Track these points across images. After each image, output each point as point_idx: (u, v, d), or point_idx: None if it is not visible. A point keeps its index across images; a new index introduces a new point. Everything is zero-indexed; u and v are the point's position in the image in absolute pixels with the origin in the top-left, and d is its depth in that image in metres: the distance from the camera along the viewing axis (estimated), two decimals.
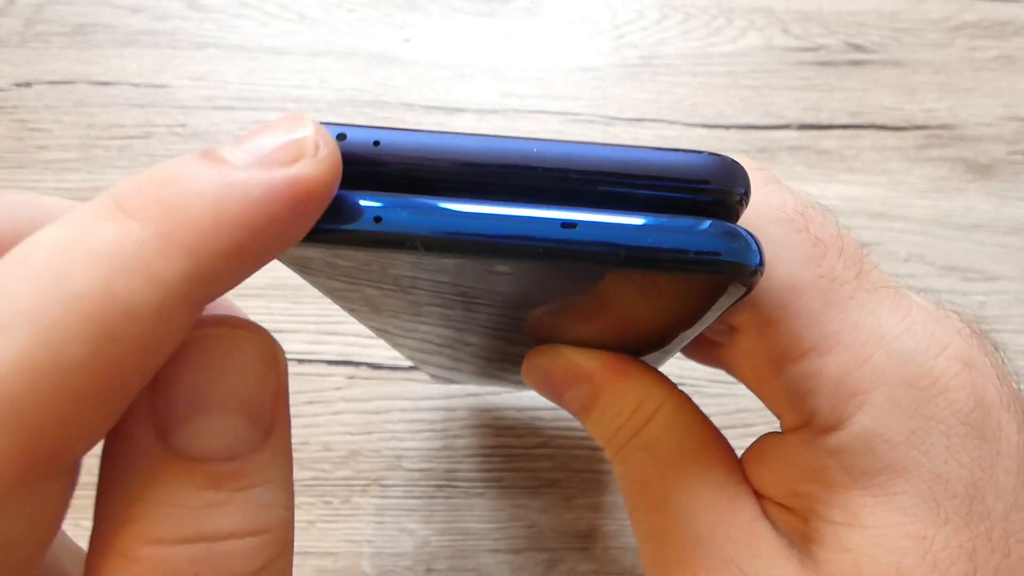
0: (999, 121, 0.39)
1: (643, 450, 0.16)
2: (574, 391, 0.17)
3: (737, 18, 0.42)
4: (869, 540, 0.13)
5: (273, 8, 0.42)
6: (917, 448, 0.13)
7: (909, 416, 0.13)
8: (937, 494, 0.13)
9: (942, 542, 0.13)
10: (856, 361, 0.14)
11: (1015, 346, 0.35)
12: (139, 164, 0.38)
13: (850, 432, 0.13)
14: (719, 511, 0.15)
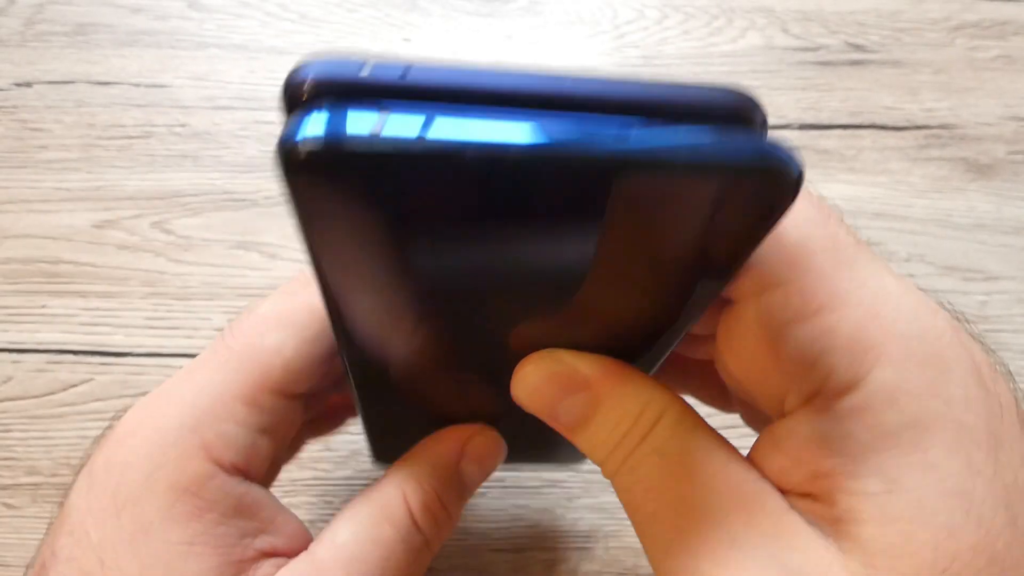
0: (999, 121, 0.39)
1: (654, 454, 0.15)
2: (570, 401, 0.16)
3: (737, 18, 0.42)
4: (913, 504, 0.12)
5: (273, 8, 0.42)
6: (939, 397, 0.13)
7: (925, 367, 0.13)
8: (965, 445, 0.13)
9: (981, 495, 0.12)
10: (869, 315, 0.13)
11: (1015, 346, 0.35)
12: (139, 164, 0.38)
13: (870, 388, 0.13)
14: (747, 509, 0.14)
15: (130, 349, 0.34)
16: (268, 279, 0.36)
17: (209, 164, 0.38)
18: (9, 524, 0.32)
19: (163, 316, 0.35)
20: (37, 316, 0.35)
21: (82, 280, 0.36)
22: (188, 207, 0.37)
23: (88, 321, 0.35)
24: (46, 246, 0.36)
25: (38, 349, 0.34)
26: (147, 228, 0.37)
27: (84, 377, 0.34)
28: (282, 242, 0.37)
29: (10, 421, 0.33)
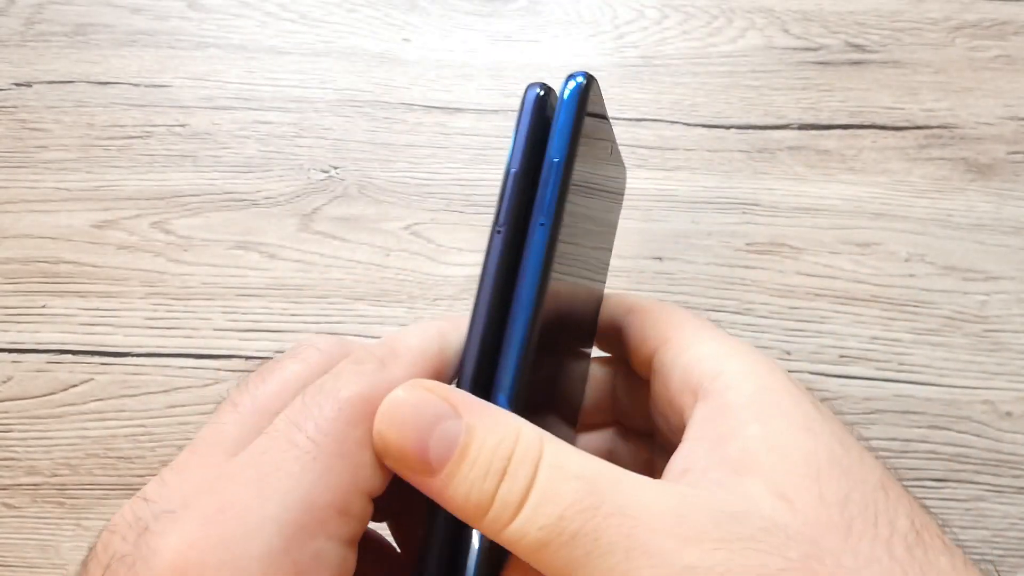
0: (999, 121, 0.39)
1: (573, 479, 0.15)
2: (444, 428, 0.15)
3: (737, 18, 0.42)
4: (782, 435, 0.17)
5: (273, 8, 0.42)
6: (775, 374, 0.19)
7: (762, 363, 0.19)
8: (802, 402, 0.18)
9: (819, 429, 0.17)
10: (720, 341, 0.20)
11: (1015, 346, 0.35)
12: (139, 164, 0.38)
13: (730, 372, 0.18)
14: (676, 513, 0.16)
15: (130, 349, 0.34)
16: (268, 279, 0.36)
17: (209, 164, 0.38)
18: (9, 524, 0.32)
19: (163, 316, 0.35)
20: (37, 316, 0.35)
21: (82, 280, 0.36)
22: (188, 207, 0.37)
23: (88, 321, 0.35)
24: (46, 246, 0.36)
25: (38, 349, 0.34)
26: (147, 228, 0.37)
27: (84, 377, 0.34)
28: (282, 242, 0.37)
29: (10, 421, 0.33)
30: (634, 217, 0.37)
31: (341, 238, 0.37)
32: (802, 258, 0.37)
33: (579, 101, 0.17)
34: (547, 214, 0.16)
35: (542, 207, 0.16)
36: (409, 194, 0.38)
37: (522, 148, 0.17)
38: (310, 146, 0.39)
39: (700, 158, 0.39)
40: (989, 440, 0.33)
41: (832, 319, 0.35)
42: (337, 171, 0.38)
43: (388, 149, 0.39)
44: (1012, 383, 0.34)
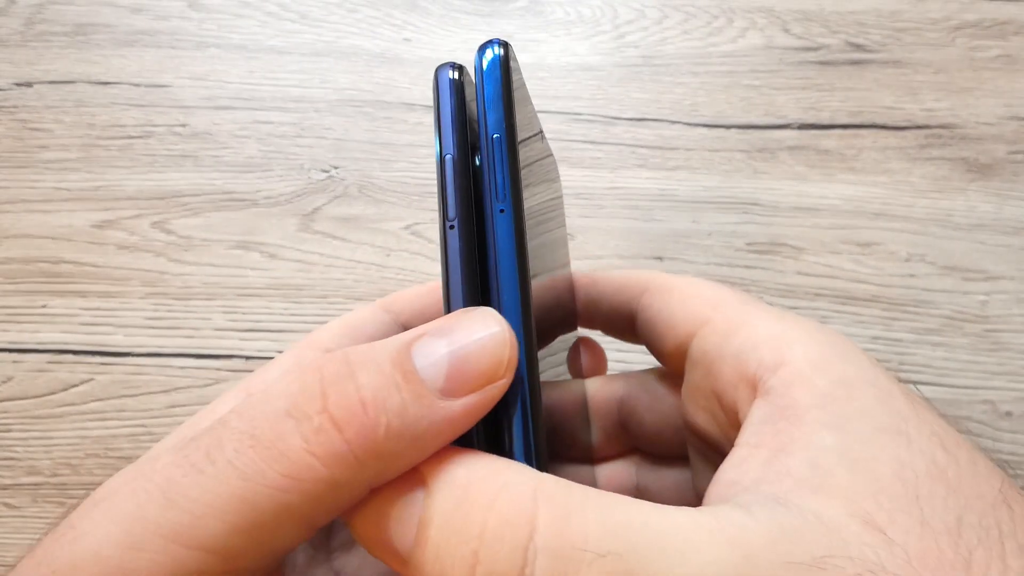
0: (1000, 121, 0.39)
1: (599, 559, 0.11)
2: (401, 509, 0.12)
3: (738, 18, 0.42)
4: (863, 443, 0.14)
5: (273, 8, 0.42)
6: (851, 364, 0.15)
7: (832, 346, 0.15)
8: (887, 397, 0.15)
9: (915, 433, 0.14)
10: (777, 320, 0.16)
11: (1015, 346, 0.35)
12: (139, 164, 0.38)
13: (795, 362, 0.15)
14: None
15: (130, 349, 0.34)
16: (268, 279, 0.36)
17: (209, 164, 0.38)
18: (9, 524, 0.32)
19: (163, 316, 0.35)
20: (37, 316, 0.35)
21: (82, 280, 0.36)
22: (188, 207, 0.37)
23: (88, 321, 0.35)
24: (46, 246, 0.36)
25: (38, 349, 0.34)
26: (147, 228, 0.37)
27: (84, 377, 0.34)
28: (282, 242, 0.37)
29: (10, 421, 0.33)
30: (634, 217, 0.37)
31: (341, 238, 0.37)
32: (802, 258, 0.37)
33: (503, 69, 0.15)
34: (504, 198, 0.14)
35: (495, 191, 0.14)
36: (409, 194, 0.38)
37: (453, 129, 0.15)
38: (310, 146, 0.39)
39: (700, 158, 0.39)
40: (989, 440, 0.33)
41: (832, 319, 0.35)
42: (337, 171, 0.38)
43: (388, 149, 0.39)
44: (1012, 383, 0.34)
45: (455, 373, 0.13)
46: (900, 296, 0.36)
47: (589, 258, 0.37)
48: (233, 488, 0.12)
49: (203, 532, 0.12)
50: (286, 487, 0.12)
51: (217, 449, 0.12)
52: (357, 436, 0.12)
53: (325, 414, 0.12)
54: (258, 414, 0.12)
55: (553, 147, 0.39)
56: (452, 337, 0.13)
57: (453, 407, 0.12)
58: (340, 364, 0.13)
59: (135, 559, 0.12)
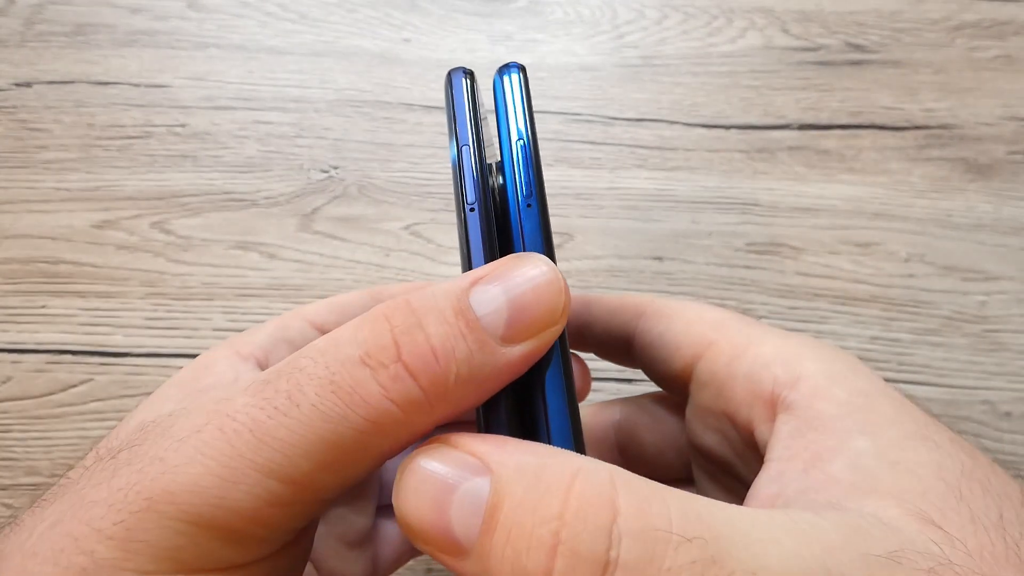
0: (999, 121, 0.39)
1: (687, 542, 0.11)
2: (464, 496, 0.12)
3: (737, 18, 0.42)
4: (897, 448, 0.14)
5: (273, 8, 0.42)
6: (865, 376, 0.16)
7: (842, 361, 0.16)
8: (905, 406, 0.15)
9: (939, 438, 0.14)
10: (783, 339, 0.17)
11: (1015, 346, 0.35)
12: (139, 164, 0.38)
13: (811, 376, 0.16)
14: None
15: (130, 349, 0.34)
16: (268, 279, 0.36)
17: (208, 164, 0.38)
18: None
19: (163, 316, 0.35)
20: (37, 316, 0.35)
21: (82, 280, 0.36)
22: (188, 207, 0.37)
23: (88, 321, 0.35)
24: (46, 246, 0.36)
25: (38, 349, 0.34)
26: (147, 228, 0.37)
27: (84, 377, 0.34)
28: (281, 242, 0.37)
29: (10, 421, 0.33)
30: (634, 217, 0.37)
31: (341, 238, 0.37)
32: (802, 258, 0.37)
33: (525, 85, 0.17)
34: (531, 195, 0.16)
35: (522, 189, 0.16)
36: (409, 194, 0.38)
37: (469, 124, 0.16)
38: (310, 146, 0.39)
39: (700, 158, 0.39)
40: (989, 440, 0.33)
41: (832, 319, 0.35)
42: (337, 171, 0.38)
43: (388, 149, 0.39)
44: (1012, 383, 0.34)
45: (514, 321, 0.13)
46: (899, 296, 0.36)
47: (588, 258, 0.37)
48: (319, 430, 0.13)
49: (294, 469, 0.13)
50: (367, 429, 0.13)
51: (299, 394, 0.13)
52: (431, 384, 0.13)
53: (400, 363, 0.13)
54: (332, 360, 0.13)
55: (552, 147, 0.39)
56: (508, 284, 0.13)
57: (513, 353, 0.13)
58: (406, 313, 0.13)
59: (233, 490, 0.13)
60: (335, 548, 0.20)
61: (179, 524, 0.12)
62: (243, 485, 0.13)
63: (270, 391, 0.13)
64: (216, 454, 0.13)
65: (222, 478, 0.13)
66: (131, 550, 0.12)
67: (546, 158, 0.39)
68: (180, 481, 0.13)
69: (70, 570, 0.12)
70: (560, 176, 0.38)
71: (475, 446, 0.13)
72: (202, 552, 0.13)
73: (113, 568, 0.12)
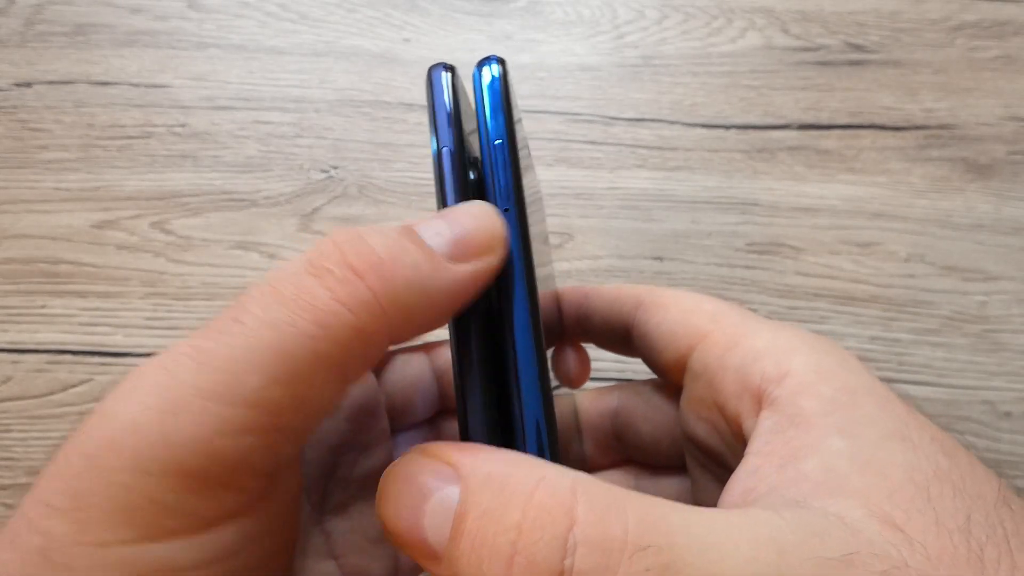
0: (999, 121, 0.39)
1: (643, 551, 0.11)
2: (436, 504, 0.12)
3: (737, 18, 0.42)
4: (873, 447, 0.14)
5: (273, 8, 0.42)
6: (852, 372, 0.16)
7: (830, 355, 0.16)
8: (889, 403, 0.15)
9: (917, 438, 0.14)
10: (776, 332, 0.17)
11: (1015, 346, 0.35)
12: (139, 164, 0.38)
13: (798, 372, 0.16)
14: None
15: (130, 349, 0.34)
16: None
17: (208, 164, 0.38)
18: None
19: (163, 316, 0.35)
20: (37, 316, 0.35)
21: (82, 280, 0.36)
22: (188, 207, 0.37)
23: (88, 321, 0.35)
24: (46, 246, 0.36)
25: (38, 349, 0.34)
26: (147, 228, 0.37)
27: (84, 377, 0.34)
28: (281, 242, 0.37)
29: (10, 421, 0.33)
30: (634, 217, 0.37)
31: None
32: (802, 258, 0.37)
33: (503, 82, 0.16)
34: (508, 199, 0.15)
35: (499, 192, 0.15)
36: (409, 194, 0.38)
37: (448, 125, 0.16)
38: (310, 146, 0.39)
39: (700, 158, 0.39)
40: (988, 440, 0.33)
41: (832, 319, 0.35)
42: (337, 171, 0.38)
43: (388, 149, 0.39)
44: (1012, 383, 0.34)
45: (458, 242, 0.14)
46: (899, 296, 0.36)
47: (588, 258, 0.37)
48: (266, 340, 0.12)
49: (242, 387, 0.12)
50: (317, 335, 0.12)
51: (242, 311, 0.13)
52: (379, 283, 0.13)
53: (346, 267, 0.13)
54: (277, 278, 0.13)
55: (552, 147, 0.39)
56: (449, 218, 0.14)
57: (461, 269, 0.14)
58: (351, 233, 0.13)
59: (176, 423, 0.12)
60: (356, 543, 0.19)
61: (125, 476, 0.11)
62: (187, 414, 0.12)
63: (214, 322, 0.13)
64: (155, 389, 0.12)
65: (163, 411, 0.12)
66: (82, 519, 0.11)
67: (546, 158, 0.39)
68: (119, 424, 0.12)
69: (28, 553, 0.11)
70: (560, 176, 0.38)
71: (450, 455, 0.13)
72: (160, 508, 0.12)
73: (69, 544, 0.11)
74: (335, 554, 0.19)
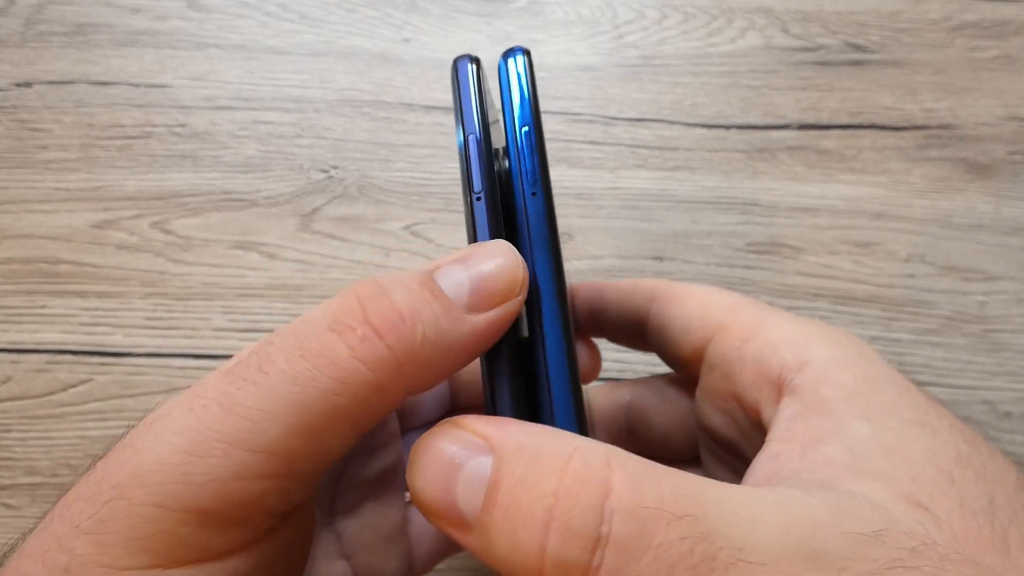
0: (999, 121, 0.39)
1: (677, 519, 0.11)
2: (469, 473, 0.12)
3: (737, 18, 0.42)
4: (894, 434, 0.14)
5: (273, 8, 0.42)
6: (870, 361, 0.16)
7: (849, 346, 0.16)
8: (908, 392, 0.16)
9: (936, 424, 0.15)
10: (794, 324, 0.17)
11: (1015, 346, 0.35)
12: (139, 164, 0.38)
13: (818, 362, 0.16)
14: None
15: (130, 349, 0.34)
16: (268, 279, 0.36)
17: (208, 164, 0.38)
18: (9, 524, 0.32)
19: (163, 316, 0.35)
20: (37, 316, 0.35)
21: (82, 280, 0.36)
22: (188, 207, 0.37)
23: (88, 321, 0.35)
24: (46, 246, 0.36)
25: (38, 349, 0.34)
26: (147, 228, 0.37)
27: (84, 377, 0.34)
28: (281, 242, 0.37)
29: (10, 421, 0.33)
30: (634, 217, 0.37)
31: (341, 238, 0.37)
32: (802, 258, 0.37)
33: (530, 72, 0.17)
34: (535, 183, 0.16)
35: (526, 177, 0.16)
36: (409, 194, 0.38)
37: (474, 113, 0.16)
38: (310, 146, 0.39)
39: (700, 158, 0.39)
40: (988, 440, 0.33)
41: (832, 319, 0.35)
42: (337, 171, 0.38)
43: (388, 149, 0.39)
44: (1012, 383, 0.34)
45: (476, 291, 0.14)
46: (899, 296, 0.36)
47: (588, 258, 0.37)
48: (288, 393, 0.13)
49: (263, 436, 0.12)
50: (337, 390, 0.13)
51: (268, 362, 0.13)
52: (398, 342, 0.13)
53: (367, 325, 0.13)
54: (301, 332, 0.13)
55: (553, 147, 0.39)
56: (469, 263, 0.14)
57: (478, 320, 0.14)
58: (373, 286, 0.14)
59: (199, 464, 0.12)
60: (368, 542, 0.19)
61: (147, 509, 0.12)
62: (210, 458, 0.12)
63: (240, 368, 0.13)
64: (182, 429, 0.13)
65: (188, 452, 0.12)
66: (104, 543, 0.12)
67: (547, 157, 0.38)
68: (146, 461, 0.13)
69: (53, 570, 0.12)
70: (560, 176, 0.38)
71: (481, 427, 0.13)
72: (176, 540, 0.12)
73: (91, 564, 0.12)
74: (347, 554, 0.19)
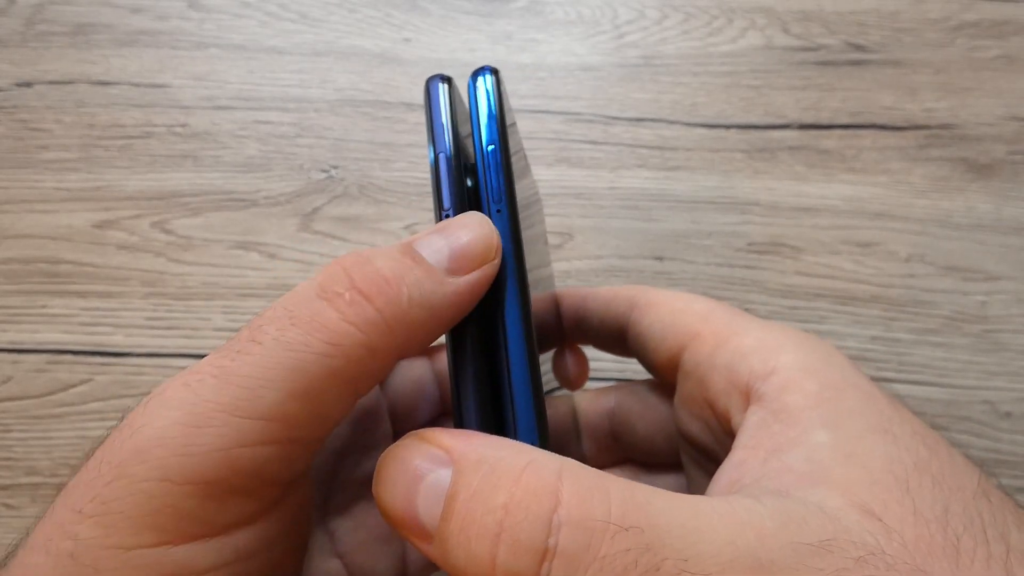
0: (999, 121, 0.39)
1: (623, 532, 0.11)
2: (429, 485, 0.13)
3: (737, 18, 0.42)
4: (855, 441, 0.15)
5: (273, 8, 0.42)
6: (837, 368, 0.16)
7: (815, 352, 0.17)
8: (873, 398, 0.16)
9: (899, 431, 0.15)
10: (765, 331, 0.17)
11: (1015, 346, 0.35)
12: (140, 164, 0.38)
13: (785, 369, 0.16)
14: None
15: (130, 349, 0.34)
16: (267, 279, 0.36)
17: (209, 164, 0.38)
18: (9, 524, 0.32)
19: (163, 316, 0.35)
20: (37, 316, 0.35)
21: (82, 280, 0.36)
22: (188, 207, 0.37)
23: (88, 321, 0.35)
24: (46, 246, 0.36)
25: (38, 349, 0.34)
26: (147, 228, 0.37)
27: (84, 377, 0.34)
28: (282, 242, 0.37)
29: (10, 421, 0.33)
30: (634, 217, 0.37)
31: (341, 238, 0.37)
32: (802, 258, 0.37)
33: (496, 91, 0.17)
34: (500, 200, 0.16)
35: (491, 194, 0.16)
36: (409, 194, 0.38)
37: (445, 132, 0.17)
38: (310, 146, 0.39)
39: (700, 158, 0.39)
40: (988, 440, 0.33)
41: (832, 319, 0.35)
42: (337, 171, 0.38)
43: (388, 149, 0.39)
44: (1012, 383, 0.34)
45: (455, 256, 0.15)
46: (900, 296, 0.36)
47: (588, 258, 0.37)
48: (282, 359, 0.13)
49: (260, 402, 0.13)
50: (330, 352, 0.13)
51: (260, 333, 0.13)
52: (386, 304, 0.14)
53: (354, 290, 0.14)
54: (290, 303, 0.14)
55: (553, 147, 0.39)
56: (446, 232, 0.15)
57: (459, 282, 0.15)
58: (356, 256, 0.14)
59: (199, 435, 0.13)
60: (361, 541, 0.19)
61: (151, 484, 0.12)
62: (209, 428, 0.13)
63: (232, 342, 0.14)
64: (180, 404, 0.13)
65: (187, 424, 0.13)
66: (109, 524, 0.12)
67: (546, 158, 0.39)
68: (146, 436, 0.13)
69: (59, 557, 0.12)
70: (560, 176, 0.38)
71: (444, 440, 0.13)
72: (182, 515, 0.12)
73: (97, 547, 0.12)
74: (340, 553, 0.19)
